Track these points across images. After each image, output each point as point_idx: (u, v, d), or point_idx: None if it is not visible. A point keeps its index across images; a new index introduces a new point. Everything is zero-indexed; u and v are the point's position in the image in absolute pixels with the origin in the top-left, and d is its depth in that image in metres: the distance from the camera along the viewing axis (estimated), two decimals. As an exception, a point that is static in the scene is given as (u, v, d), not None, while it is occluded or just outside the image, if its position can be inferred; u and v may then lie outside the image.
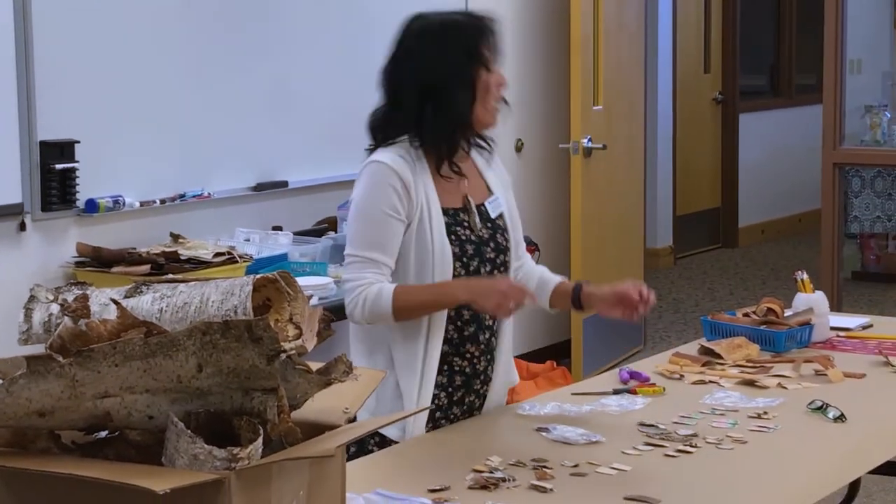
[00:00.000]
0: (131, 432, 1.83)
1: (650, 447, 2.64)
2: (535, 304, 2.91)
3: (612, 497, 2.35)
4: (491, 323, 2.94)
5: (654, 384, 3.09)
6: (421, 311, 2.82)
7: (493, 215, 2.95)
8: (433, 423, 2.89)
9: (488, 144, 3.00)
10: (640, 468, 2.52)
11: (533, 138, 6.55)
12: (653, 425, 2.77)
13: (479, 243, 2.89)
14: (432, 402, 2.86)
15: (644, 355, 6.38)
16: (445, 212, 2.87)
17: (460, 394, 2.92)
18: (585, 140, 6.19)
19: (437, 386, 2.87)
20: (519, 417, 2.87)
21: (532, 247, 5.40)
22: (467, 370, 2.92)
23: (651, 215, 8.20)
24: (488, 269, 2.90)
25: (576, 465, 2.52)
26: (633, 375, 3.15)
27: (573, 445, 2.65)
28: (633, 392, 3.02)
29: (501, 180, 3.03)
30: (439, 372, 2.87)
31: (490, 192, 2.98)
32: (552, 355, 6.25)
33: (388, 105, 2.90)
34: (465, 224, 2.89)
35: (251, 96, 4.89)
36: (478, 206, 2.94)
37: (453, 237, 2.85)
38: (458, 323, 2.88)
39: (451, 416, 2.92)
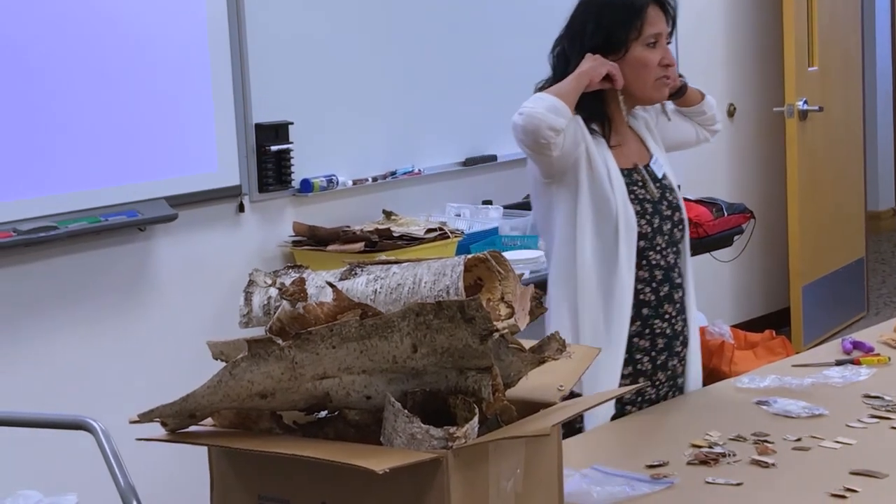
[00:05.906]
0: (350, 412, 1.86)
1: (875, 420, 2.57)
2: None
3: (836, 472, 2.29)
4: (680, 281, 2.93)
5: (878, 354, 3.00)
6: (567, 91, 2.79)
7: (658, 175, 2.95)
8: (639, 393, 2.85)
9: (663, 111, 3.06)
10: (866, 442, 2.45)
11: (746, 102, 6.41)
12: (878, 397, 2.69)
13: (654, 202, 2.90)
14: (635, 367, 2.84)
15: (867, 323, 6.20)
16: (622, 171, 2.87)
17: (663, 357, 2.90)
18: (801, 102, 6.03)
19: (640, 350, 2.85)
20: (738, 391, 2.82)
21: (748, 213, 5.30)
22: (668, 332, 2.90)
23: (872, 177, 7.94)
24: (668, 226, 2.91)
25: (798, 440, 2.46)
26: (857, 345, 3.07)
27: (795, 419, 2.59)
28: (856, 363, 2.94)
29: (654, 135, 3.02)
30: (641, 336, 2.85)
31: (650, 154, 2.98)
32: (770, 324, 6.13)
33: (552, 76, 2.91)
34: (640, 184, 2.90)
35: (458, 72, 4.91)
36: (644, 167, 2.94)
37: (632, 196, 2.86)
38: (654, 284, 2.87)
39: (657, 382, 2.89)
